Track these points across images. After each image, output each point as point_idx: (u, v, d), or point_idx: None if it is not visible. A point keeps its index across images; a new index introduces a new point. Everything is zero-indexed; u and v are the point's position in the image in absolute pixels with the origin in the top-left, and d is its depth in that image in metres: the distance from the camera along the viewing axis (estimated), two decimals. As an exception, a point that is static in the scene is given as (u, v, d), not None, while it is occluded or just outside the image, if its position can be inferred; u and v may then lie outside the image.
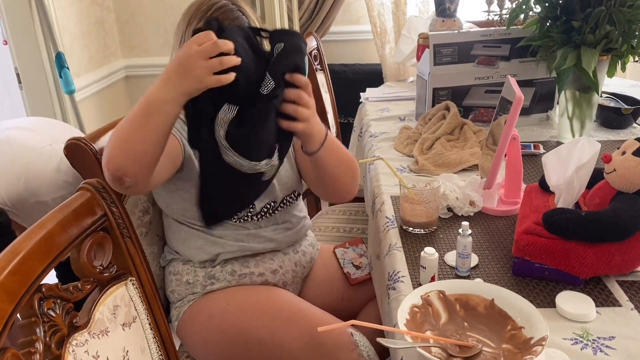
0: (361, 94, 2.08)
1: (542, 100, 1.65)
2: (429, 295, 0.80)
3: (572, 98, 1.45)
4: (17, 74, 2.28)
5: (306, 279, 1.29)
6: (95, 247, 0.85)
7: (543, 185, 1.04)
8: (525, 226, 0.92)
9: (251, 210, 1.14)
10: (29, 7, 2.16)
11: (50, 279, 0.74)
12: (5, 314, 0.62)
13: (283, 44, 0.92)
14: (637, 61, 1.40)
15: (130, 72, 2.90)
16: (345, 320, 1.14)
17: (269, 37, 0.94)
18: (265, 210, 1.16)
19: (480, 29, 1.66)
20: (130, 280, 0.89)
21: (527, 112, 1.64)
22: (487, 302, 0.80)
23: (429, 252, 0.89)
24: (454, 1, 1.88)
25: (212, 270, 1.15)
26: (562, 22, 1.37)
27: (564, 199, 0.95)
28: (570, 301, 0.84)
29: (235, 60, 0.85)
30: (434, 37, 1.59)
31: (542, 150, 1.45)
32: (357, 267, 1.28)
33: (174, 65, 0.86)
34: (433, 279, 0.90)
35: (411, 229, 1.07)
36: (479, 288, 0.82)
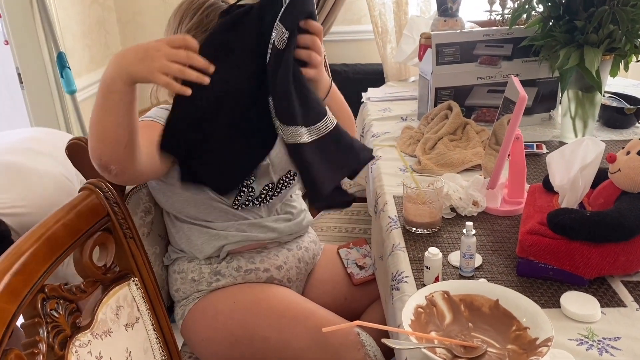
0: (363, 94, 2.08)
1: (544, 100, 1.65)
2: (433, 296, 0.80)
3: (575, 98, 1.44)
4: (19, 74, 2.27)
5: (309, 278, 1.28)
6: (98, 247, 0.85)
7: (547, 185, 1.04)
8: (530, 226, 0.92)
9: (251, 194, 1.13)
10: (30, 7, 2.16)
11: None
12: (8, 314, 0.62)
13: None
14: (640, 61, 1.40)
15: (131, 72, 2.89)
16: (348, 321, 1.15)
17: None
18: (265, 192, 1.14)
19: (483, 29, 1.65)
20: (133, 280, 0.88)
21: (529, 111, 1.63)
22: (492, 302, 0.80)
23: (433, 253, 0.89)
24: (456, 1, 1.88)
25: (217, 266, 1.15)
26: (565, 22, 1.36)
27: (568, 199, 0.95)
28: (575, 301, 0.84)
29: (193, 77, 0.84)
30: (437, 36, 1.59)
31: (545, 150, 1.44)
32: (361, 268, 1.28)
33: (137, 46, 0.83)
34: (437, 280, 0.89)
35: (414, 229, 1.07)
36: (484, 288, 0.82)
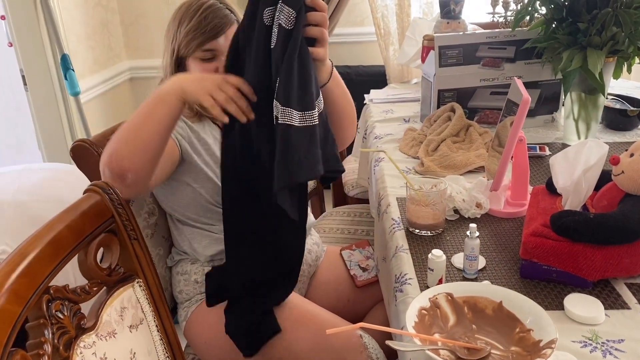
0: (365, 95, 2.08)
1: (547, 102, 1.65)
2: (437, 298, 0.80)
3: (578, 100, 1.44)
4: (23, 76, 2.28)
5: (312, 280, 1.28)
6: (103, 248, 0.85)
7: (550, 187, 1.04)
8: (533, 228, 0.92)
9: None
10: (34, 9, 2.17)
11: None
12: (14, 316, 0.63)
13: None
14: (643, 63, 1.40)
15: (134, 74, 2.90)
16: (351, 323, 1.15)
17: None
18: None
19: (486, 31, 1.65)
20: (137, 282, 0.89)
21: (532, 113, 1.63)
22: (495, 304, 0.80)
23: (437, 255, 0.89)
24: (458, 3, 1.88)
25: None
26: (568, 24, 1.36)
27: (572, 201, 0.95)
28: (579, 304, 0.84)
29: (233, 109, 0.89)
30: (439, 38, 1.59)
31: (547, 152, 1.44)
32: (364, 270, 1.28)
33: (199, 73, 0.93)
34: (440, 282, 0.89)
35: (417, 231, 1.07)
36: (487, 290, 0.82)
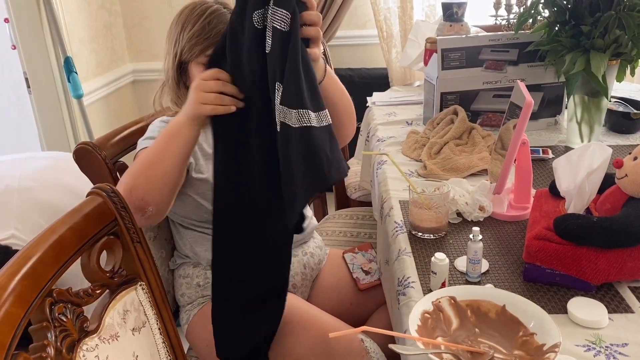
0: (368, 98, 2.08)
1: (550, 105, 1.65)
2: (440, 301, 0.80)
3: (581, 103, 1.44)
4: (26, 79, 2.29)
5: (315, 283, 1.28)
6: (106, 251, 0.85)
7: (553, 190, 1.04)
8: (536, 231, 0.92)
9: None
10: (37, 12, 2.17)
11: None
12: (17, 319, 0.63)
13: None
14: (646, 65, 1.39)
15: (137, 77, 2.91)
16: (354, 326, 1.15)
17: None
18: None
19: (489, 34, 1.65)
20: (140, 285, 0.88)
21: (535, 116, 1.63)
22: (499, 308, 0.80)
23: (440, 258, 0.88)
24: (461, 6, 1.88)
25: None
26: (571, 27, 1.36)
27: (575, 205, 0.95)
28: (583, 307, 0.84)
29: (227, 101, 0.89)
30: (442, 41, 1.59)
31: (550, 155, 1.44)
32: (367, 273, 1.28)
33: (189, 92, 0.94)
34: (444, 285, 0.89)
35: (420, 234, 1.07)
36: (490, 294, 0.82)
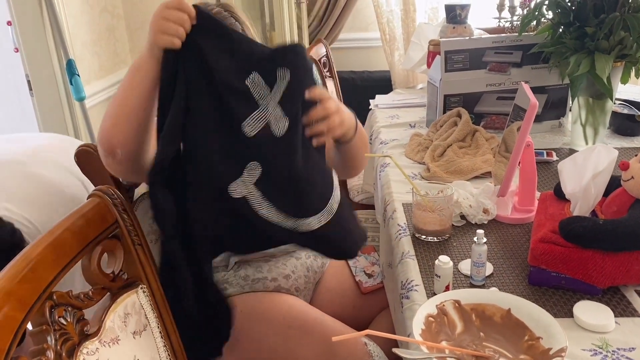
0: (370, 100, 2.07)
1: (554, 107, 1.64)
2: (444, 305, 0.79)
3: (586, 105, 1.43)
4: (28, 81, 2.29)
5: (317, 286, 1.27)
6: (107, 254, 0.84)
7: (558, 192, 1.03)
8: (541, 234, 0.91)
9: None
10: (40, 15, 2.17)
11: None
12: (17, 322, 0.62)
13: (288, 71, 0.86)
14: (651, 67, 1.38)
15: (139, 79, 2.91)
16: (357, 330, 1.14)
17: (269, 58, 0.88)
18: None
19: (492, 36, 1.65)
20: (141, 288, 0.88)
21: (539, 119, 1.62)
22: (504, 311, 0.79)
23: (444, 261, 0.87)
24: (464, 8, 1.87)
25: (225, 274, 1.14)
26: (575, 28, 1.35)
27: (580, 207, 0.94)
28: (589, 311, 0.83)
29: (179, 33, 0.86)
30: (445, 43, 1.58)
31: (555, 158, 1.43)
32: (369, 276, 1.27)
33: (150, 21, 0.90)
34: (447, 288, 0.88)
35: (424, 237, 1.06)
36: (495, 297, 0.81)
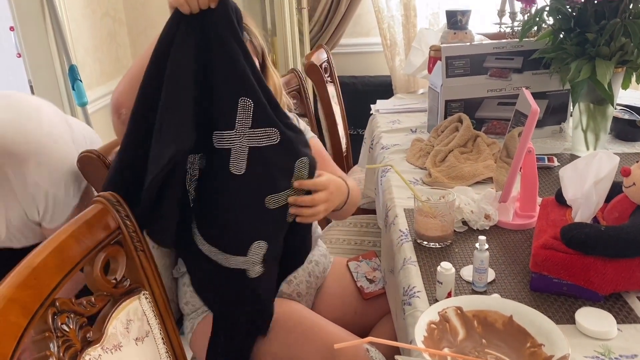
0: (372, 105, 2.08)
1: (555, 113, 1.64)
2: (446, 312, 0.79)
3: (587, 110, 1.43)
4: (31, 86, 2.30)
5: (319, 292, 1.27)
6: (109, 260, 0.85)
7: (559, 198, 1.03)
8: (543, 241, 0.91)
9: None
10: (42, 21, 2.18)
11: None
12: (20, 329, 0.62)
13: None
14: (652, 73, 1.39)
15: (141, 84, 2.91)
16: (359, 335, 1.14)
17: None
18: None
19: (493, 41, 1.65)
20: (144, 294, 0.88)
21: (540, 124, 1.62)
22: (506, 318, 0.79)
23: (446, 267, 0.87)
24: (465, 13, 1.88)
25: None
26: (576, 34, 1.36)
27: (582, 213, 0.94)
28: (591, 318, 0.82)
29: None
30: (447, 49, 1.59)
31: (556, 163, 1.43)
32: (371, 281, 1.27)
33: None
34: (449, 295, 0.88)
35: (426, 242, 1.06)
36: (497, 304, 0.81)
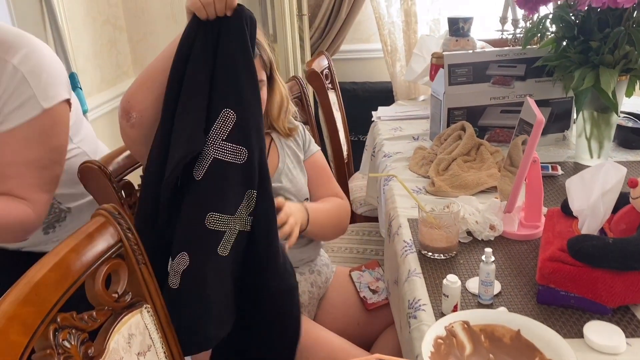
0: (373, 112, 2.07)
1: (558, 120, 1.63)
2: (453, 326, 0.78)
3: (590, 118, 1.43)
4: (30, 93, 2.29)
5: (321, 302, 1.26)
6: (111, 273, 0.83)
7: (565, 209, 1.02)
8: (550, 253, 0.90)
9: None
10: (42, 28, 2.18)
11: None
12: (20, 347, 0.61)
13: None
14: (656, 81, 1.38)
15: (141, 91, 2.90)
16: (361, 346, 1.12)
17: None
18: None
19: (496, 49, 1.65)
20: (145, 307, 0.87)
21: (543, 132, 1.59)
22: (513, 332, 0.78)
23: (452, 280, 0.86)
24: (467, 20, 1.87)
25: None
26: (580, 42, 1.35)
27: (589, 225, 0.93)
28: (599, 332, 0.81)
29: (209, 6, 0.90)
30: (449, 57, 1.58)
31: (560, 172, 1.42)
32: (374, 292, 1.25)
33: None
34: (456, 308, 0.87)
35: (430, 254, 1.05)
36: (504, 318, 0.80)
